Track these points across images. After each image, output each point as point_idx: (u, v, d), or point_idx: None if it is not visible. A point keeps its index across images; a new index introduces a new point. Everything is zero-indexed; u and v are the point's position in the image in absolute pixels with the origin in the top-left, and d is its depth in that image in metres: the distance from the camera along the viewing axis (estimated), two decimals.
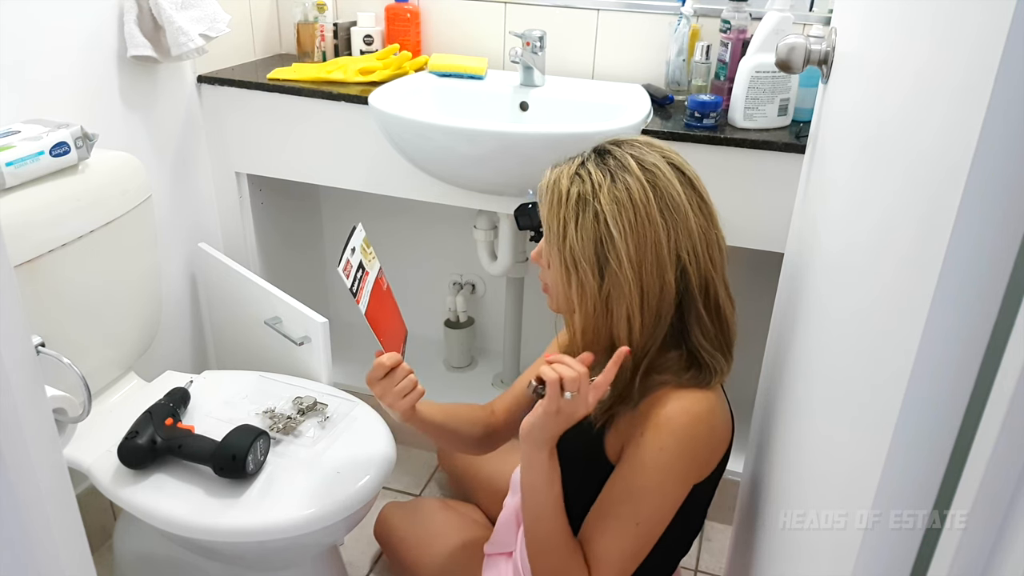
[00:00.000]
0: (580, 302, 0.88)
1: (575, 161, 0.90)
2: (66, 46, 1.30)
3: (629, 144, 0.89)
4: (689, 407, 0.88)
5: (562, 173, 0.89)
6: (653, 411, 0.88)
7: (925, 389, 0.44)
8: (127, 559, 1.33)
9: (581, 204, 0.86)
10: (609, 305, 0.87)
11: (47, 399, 0.70)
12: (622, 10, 1.58)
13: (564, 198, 0.87)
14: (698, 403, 0.88)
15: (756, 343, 1.19)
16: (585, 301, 0.88)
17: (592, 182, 0.85)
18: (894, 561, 0.48)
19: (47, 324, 1.13)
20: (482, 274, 1.95)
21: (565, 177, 0.88)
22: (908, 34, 0.58)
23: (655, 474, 0.88)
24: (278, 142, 1.63)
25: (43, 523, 0.56)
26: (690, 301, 0.88)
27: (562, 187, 0.87)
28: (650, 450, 0.88)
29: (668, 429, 0.87)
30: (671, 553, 1.04)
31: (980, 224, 0.39)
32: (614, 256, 0.84)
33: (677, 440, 0.87)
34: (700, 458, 0.91)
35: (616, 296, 0.86)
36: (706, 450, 0.91)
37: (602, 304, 0.87)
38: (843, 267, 0.70)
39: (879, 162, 0.61)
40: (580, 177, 0.87)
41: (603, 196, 0.84)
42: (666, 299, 0.87)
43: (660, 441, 0.87)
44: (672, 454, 0.87)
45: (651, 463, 0.88)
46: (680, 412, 0.87)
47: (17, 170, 1.07)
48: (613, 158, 0.87)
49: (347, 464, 1.15)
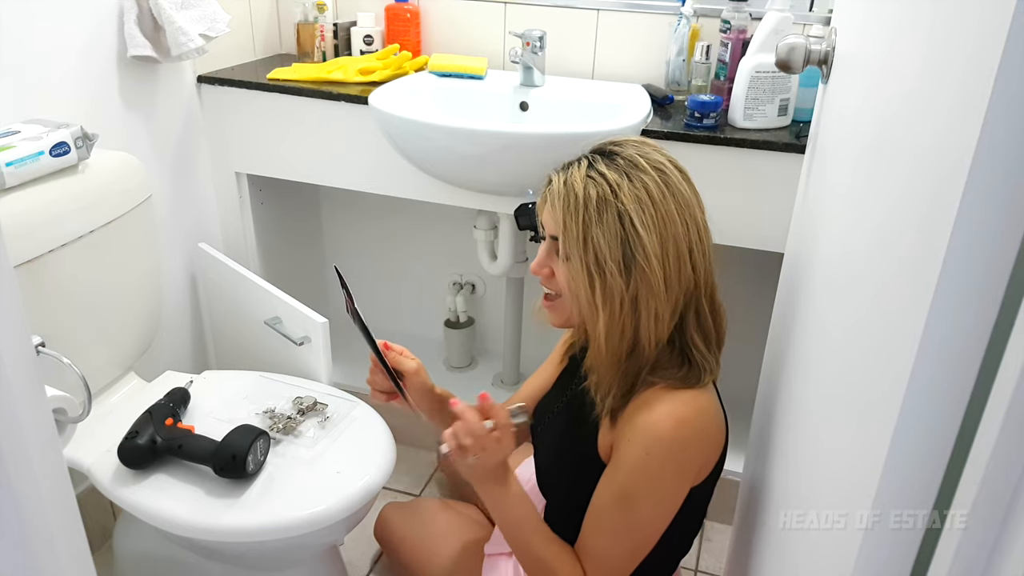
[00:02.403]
0: (606, 305, 0.87)
1: (581, 164, 0.89)
2: (66, 46, 1.30)
3: (630, 144, 0.90)
4: (675, 410, 0.88)
5: (572, 177, 0.88)
6: (640, 414, 0.89)
7: (925, 389, 0.44)
8: (127, 559, 1.33)
9: (602, 205, 0.85)
10: (637, 304, 0.87)
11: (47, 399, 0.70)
12: (622, 10, 1.58)
13: (582, 201, 0.86)
14: (685, 405, 0.88)
15: (756, 343, 1.19)
16: (611, 303, 0.87)
17: (609, 183, 0.85)
18: (894, 561, 0.48)
19: (47, 324, 1.13)
20: (482, 274, 1.95)
21: (578, 181, 0.87)
22: (908, 34, 0.58)
23: (643, 478, 0.88)
24: (278, 142, 1.63)
25: (43, 523, 0.55)
26: (695, 295, 0.90)
27: (578, 191, 0.86)
28: (636, 454, 0.88)
29: (653, 434, 0.87)
30: (671, 553, 1.04)
31: (980, 223, 0.39)
32: (641, 254, 0.85)
33: (663, 445, 0.87)
34: (692, 461, 0.90)
35: (644, 294, 0.86)
36: (697, 453, 0.91)
37: (630, 304, 0.87)
38: (844, 266, 0.70)
39: (880, 162, 0.61)
40: (594, 179, 0.86)
41: (624, 195, 0.85)
42: (684, 293, 0.88)
43: (646, 445, 0.87)
44: (659, 459, 0.87)
45: (638, 467, 0.88)
46: (666, 416, 0.87)
47: (17, 170, 1.07)
48: (621, 158, 0.88)
49: (347, 464, 1.15)
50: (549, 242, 0.92)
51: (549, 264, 0.93)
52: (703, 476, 0.93)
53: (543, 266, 0.93)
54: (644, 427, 0.88)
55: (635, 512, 0.90)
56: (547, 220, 0.91)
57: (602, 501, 0.92)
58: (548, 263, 0.93)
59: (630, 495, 0.90)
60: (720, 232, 0.93)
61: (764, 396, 1.08)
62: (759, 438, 1.06)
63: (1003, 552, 0.42)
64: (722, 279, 0.94)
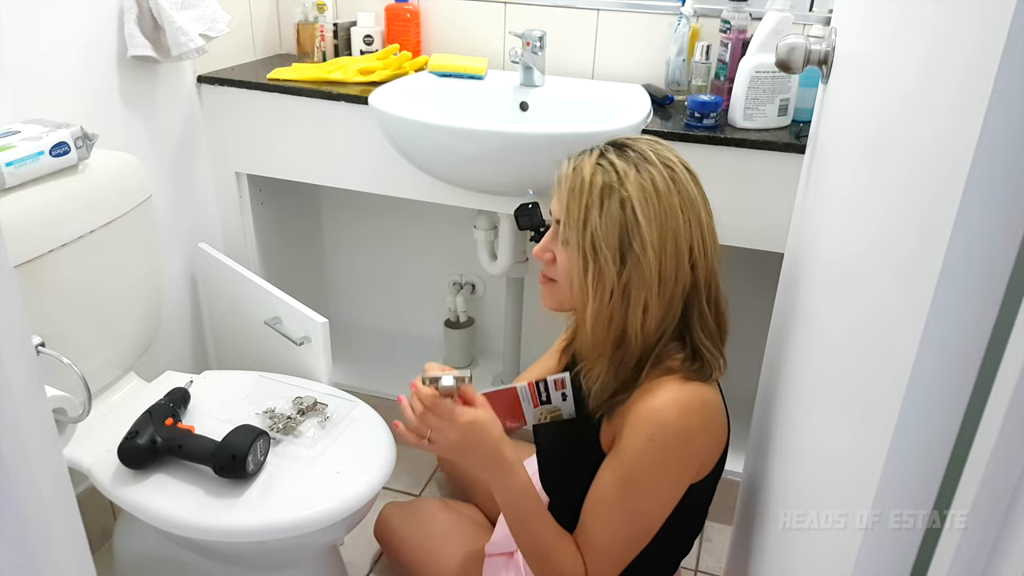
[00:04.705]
0: (596, 290, 0.88)
1: (592, 153, 0.90)
2: (66, 46, 1.30)
3: (644, 140, 0.92)
4: (681, 398, 0.88)
5: (582, 163, 0.89)
6: (644, 400, 0.89)
7: (925, 389, 0.44)
8: (127, 559, 1.33)
9: (606, 191, 0.87)
10: (627, 292, 0.88)
11: (47, 399, 0.70)
12: (622, 10, 1.58)
13: (588, 185, 0.87)
14: (690, 395, 0.89)
15: (756, 343, 1.19)
16: (602, 289, 0.88)
17: (617, 171, 0.87)
18: (894, 561, 0.48)
19: (47, 324, 1.13)
20: (482, 274, 1.95)
21: (587, 166, 0.88)
22: (908, 34, 0.58)
23: (645, 464, 0.88)
24: (278, 142, 1.63)
25: (43, 523, 0.55)
26: (695, 295, 0.90)
27: (585, 175, 0.88)
28: (639, 439, 0.88)
29: (657, 421, 0.87)
30: (672, 552, 1.04)
31: (980, 223, 0.39)
32: (639, 242, 0.86)
33: (667, 432, 0.87)
34: (695, 453, 0.90)
35: (636, 283, 0.87)
36: (701, 445, 0.91)
37: (620, 291, 0.88)
38: (844, 266, 0.70)
39: (881, 162, 0.61)
40: (602, 166, 0.88)
41: (630, 184, 0.86)
42: (679, 289, 0.89)
43: (650, 432, 0.87)
44: (662, 445, 0.87)
45: (641, 453, 0.88)
46: (672, 403, 0.88)
47: (17, 170, 1.07)
48: (632, 151, 0.89)
49: (347, 464, 1.15)
50: (554, 226, 0.94)
51: (551, 248, 0.94)
52: (704, 473, 0.93)
53: (546, 250, 0.95)
54: (648, 414, 0.88)
55: (635, 500, 0.90)
56: (554, 204, 0.93)
57: (602, 489, 0.92)
58: (551, 247, 0.95)
59: (631, 482, 0.89)
60: (720, 232, 0.93)
61: (764, 396, 1.08)
62: (759, 438, 1.06)
63: (1003, 552, 0.42)
64: (722, 279, 0.95)
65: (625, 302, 0.88)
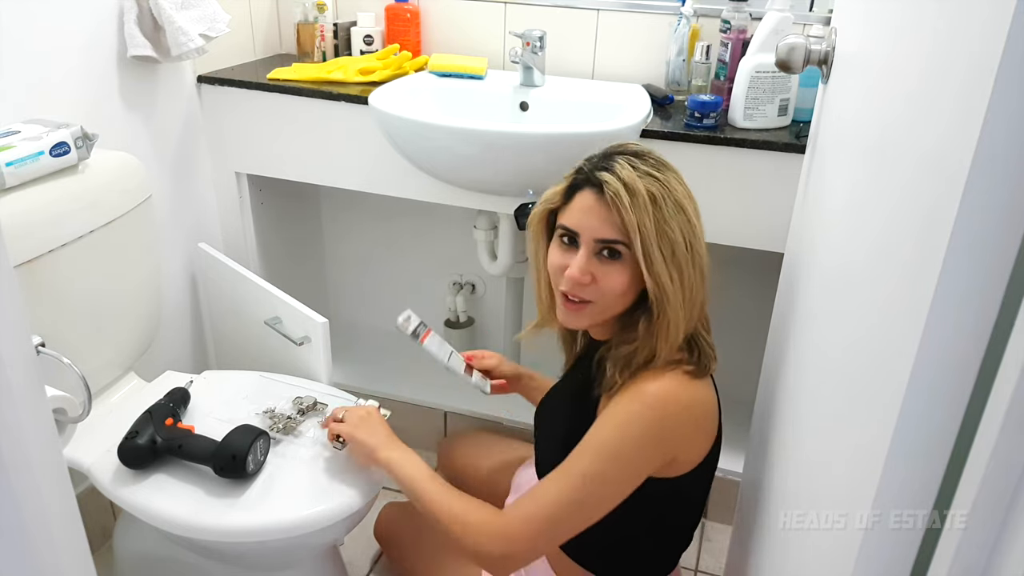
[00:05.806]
0: (686, 297, 0.90)
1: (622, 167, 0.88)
2: (66, 46, 1.30)
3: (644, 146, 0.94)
4: (671, 387, 0.89)
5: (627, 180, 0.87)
6: (636, 383, 0.90)
7: (925, 389, 0.44)
8: (127, 559, 1.33)
9: (664, 200, 0.88)
10: (695, 292, 0.91)
11: (47, 399, 0.70)
12: (622, 10, 1.58)
13: (648, 198, 0.87)
14: (682, 386, 0.90)
15: (756, 343, 1.19)
16: (691, 294, 0.90)
17: (659, 179, 0.89)
18: (894, 561, 0.48)
19: (47, 324, 1.13)
20: (482, 274, 1.95)
21: (636, 181, 0.87)
22: (910, 34, 0.58)
23: (616, 435, 0.89)
24: (278, 142, 1.63)
25: (43, 523, 0.56)
26: None
27: (640, 189, 0.87)
28: (620, 413, 0.89)
29: (643, 400, 0.88)
30: (671, 545, 1.04)
31: (981, 224, 0.39)
32: (699, 242, 0.90)
33: (649, 412, 0.88)
34: (672, 445, 0.90)
35: (700, 280, 0.92)
36: (683, 439, 0.91)
37: (699, 291, 0.92)
38: (844, 267, 0.70)
39: (882, 162, 0.61)
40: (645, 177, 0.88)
41: (676, 190, 0.89)
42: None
43: (632, 409, 0.88)
44: (639, 425, 0.88)
45: (622, 423, 0.89)
46: (662, 389, 0.89)
47: (17, 170, 1.07)
48: (651, 158, 0.91)
49: (347, 464, 1.15)
50: (593, 245, 0.90)
51: (591, 271, 0.91)
52: (677, 472, 0.93)
53: (586, 273, 0.90)
54: (637, 392, 0.89)
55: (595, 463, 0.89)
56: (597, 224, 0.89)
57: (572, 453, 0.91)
58: (590, 269, 0.91)
59: (599, 447, 0.89)
60: (720, 232, 0.94)
61: (764, 396, 1.08)
62: (759, 438, 1.06)
63: (1003, 552, 0.42)
64: (723, 279, 0.95)
65: (695, 303, 0.92)
